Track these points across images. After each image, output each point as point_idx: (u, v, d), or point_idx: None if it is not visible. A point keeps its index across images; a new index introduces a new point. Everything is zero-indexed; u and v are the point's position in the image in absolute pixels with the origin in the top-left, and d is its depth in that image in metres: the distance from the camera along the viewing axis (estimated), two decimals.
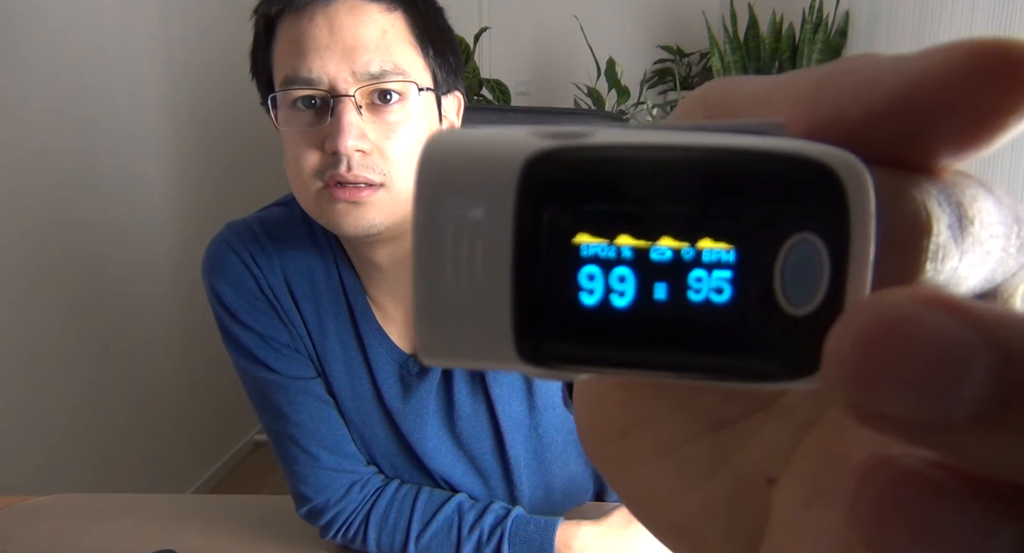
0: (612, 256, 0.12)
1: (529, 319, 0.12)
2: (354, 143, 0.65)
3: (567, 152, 0.12)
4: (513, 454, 0.79)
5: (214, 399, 2.28)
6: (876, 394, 0.09)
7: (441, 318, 0.12)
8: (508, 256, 0.12)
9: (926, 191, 0.12)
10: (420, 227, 0.12)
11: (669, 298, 0.12)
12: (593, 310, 0.12)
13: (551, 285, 0.12)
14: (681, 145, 0.12)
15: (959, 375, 0.08)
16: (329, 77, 0.65)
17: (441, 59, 0.71)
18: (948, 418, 0.08)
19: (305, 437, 0.77)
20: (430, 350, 0.13)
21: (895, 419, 0.09)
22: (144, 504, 0.92)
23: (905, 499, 0.09)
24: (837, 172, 0.11)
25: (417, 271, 0.12)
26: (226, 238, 0.78)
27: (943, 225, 0.11)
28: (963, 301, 0.09)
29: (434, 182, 0.12)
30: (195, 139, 2.22)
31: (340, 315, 0.78)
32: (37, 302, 1.63)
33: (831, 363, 0.09)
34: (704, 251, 0.11)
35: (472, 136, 0.12)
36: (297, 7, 0.66)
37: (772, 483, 0.15)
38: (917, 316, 0.09)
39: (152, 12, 2.03)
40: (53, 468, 1.66)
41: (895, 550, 0.09)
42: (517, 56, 2.77)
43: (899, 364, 0.09)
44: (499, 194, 0.12)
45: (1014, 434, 0.08)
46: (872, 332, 0.09)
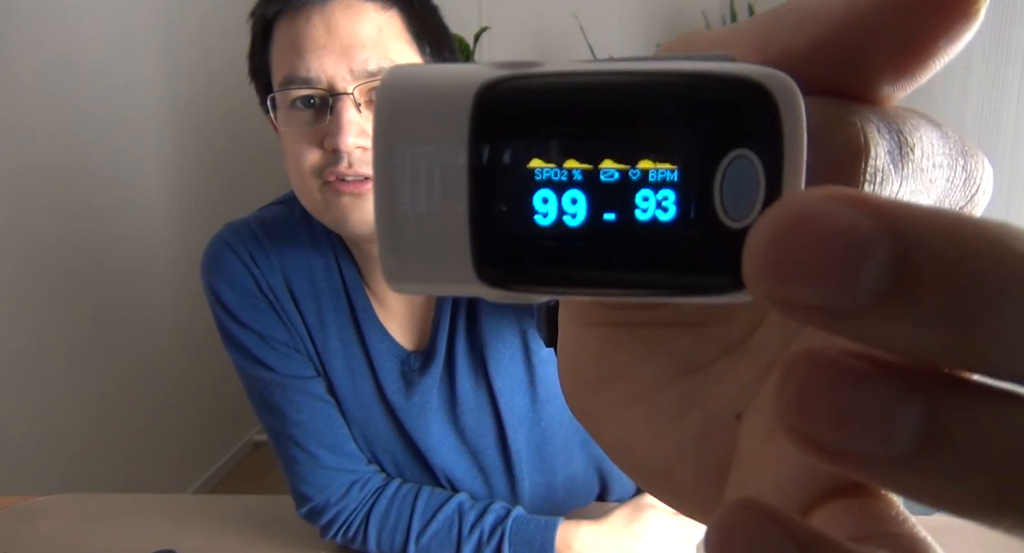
0: (563, 179, 0.12)
1: (487, 242, 0.12)
2: (354, 140, 0.65)
3: (517, 80, 0.12)
4: (515, 449, 0.79)
5: (214, 399, 2.28)
6: (786, 283, 0.09)
7: (403, 245, 0.13)
8: (464, 183, 0.12)
9: (866, 118, 0.12)
10: (379, 157, 0.12)
11: (618, 217, 0.12)
12: (547, 231, 0.12)
13: (506, 209, 0.12)
14: (623, 71, 0.12)
15: (860, 261, 0.09)
16: (327, 76, 0.65)
17: (438, 56, 0.71)
18: (852, 303, 0.09)
19: (305, 436, 0.77)
20: (395, 276, 0.13)
21: (805, 306, 0.09)
22: (144, 504, 0.92)
23: (822, 385, 0.09)
24: (770, 89, 0.11)
25: (378, 200, 0.13)
26: (225, 238, 0.78)
27: (881, 149, 0.12)
28: (866, 194, 0.09)
29: (391, 112, 0.12)
30: (195, 139, 2.22)
31: (341, 313, 0.78)
32: (37, 302, 1.63)
33: (747, 259, 0.10)
34: (649, 172, 0.12)
35: (428, 70, 0.13)
36: (293, 8, 0.67)
37: (739, 419, 0.15)
38: (821, 209, 0.09)
39: (152, 12, 2.03)
40: (53, 468, 1.66)
41: (815, 433, 0.09)
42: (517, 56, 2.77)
43: (804, 254, 0.09)
44: (454, 122, 0.12)
45: (913, 316, 0.09)
46: (780, 227, 0.09)
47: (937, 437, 0.09)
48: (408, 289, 0.13)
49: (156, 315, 2.06)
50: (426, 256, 0.13)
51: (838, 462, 0.10)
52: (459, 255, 0.13)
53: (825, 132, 0.12)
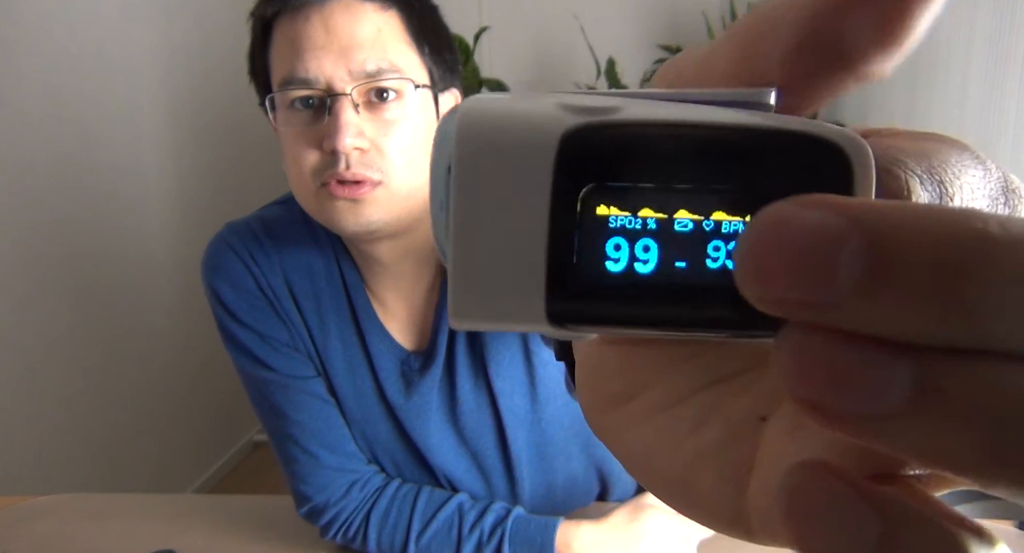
0: (637, 227, 0.13)
1: (561, 287, 0.13)
2: (352, 141, 0.65)
3: (600, 129, 0.12)
4: (515, 449, 0.79)
5: (214, 399, 2.28)
6: (770, 284, 0.10)
7: (477, 286, 0.13)
8: (544, 230, 0.13)
9: (910, 170, 0.12)
10: (461, 194, 0.13)
11: (689, 266, 0.12)
12: (619, 277, 0.13)
13: (583, 252, 0.13)
14: (701, 123, 0.12)
15: (833, 256, 0.10)
16: (326, 76, 0.65)
17: (437, 57, 0.71)
18: (834, 293, 0.10)
19: (305, 436, 0.77)
20: (463, 315, 0.13)
21: (792, 302, 0.10)
22: (144, 504, 0.92)
23: (816, 348, 0.10)
24: (846, 152, 0.12)
25: (455, 238, 0.13)
26: (225, 238, 0.78)
27: (924, 198, 0.12)
28: (835, 197, 0.10)
29: (473, 151, 0.13)
30: (195, 139, 2.22)
31: (341, 313, 0.78)
32: (37, 302, 1.63)
33: (735, 268, 0.11)
34: (722, 223, 0.12)
35: (507, 108, 0.13)
36: (292, 8, 0.66)
37: (764, 421, 0.15)
38: (792, 213, 0.10)
39: (152, 12, 2.03)
40: (53, 468, 1.66)
41: (813, 394, 0.10)
42: (517, 56, 2.77)
43: (783, 255, 0.10)
44: (537, 167, 0.12)
45: (891, 300, 0.10)
46: (758, 234, 0.10)
47: (928, 392, 0.10)
48: (473, 326, 0.14)
49: (156, 315, 2.06)
50: (499, 297, 0.13)
51: (838, 423, 0.10)
52: (532, 297, 0.13)
53: None
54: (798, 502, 0.11)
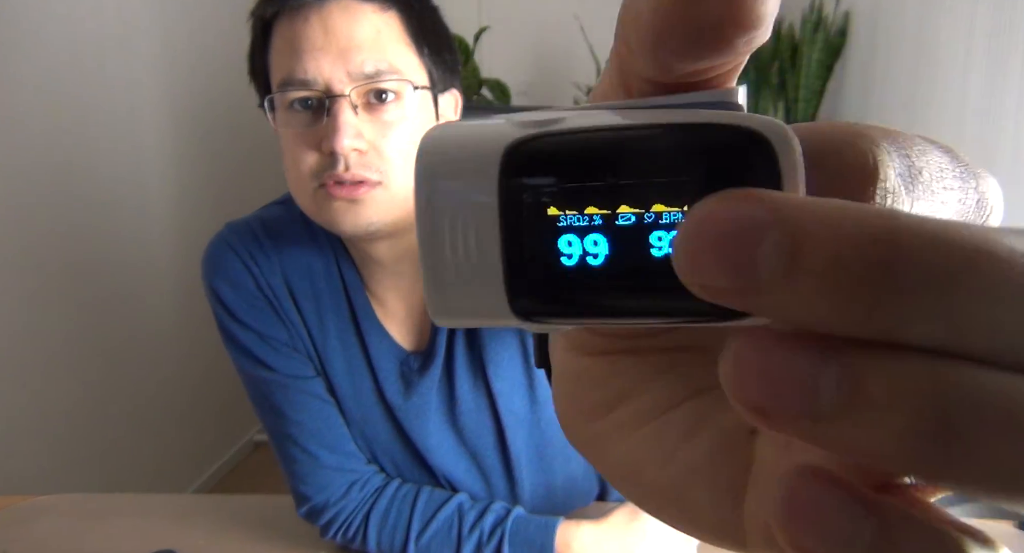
0: (585, 224, 0.14)
1: (519, 282, 0.14)
2: (350, 143, 0.65)
3: (539, 139, 0.14)
4: (515, 450, 0.79)
5: (214, 399, 2.28)
6: (701, 272, 0.11)
7: (446, 286, 0.15)
8: (497, 231, 0.14)
9: (875, 142, 0.13)
10: (421, 211, 0.14)
11: (635, 256, 0.14)
12: (572, 270, 0.14)
13: (535, 253, 0.14)
14: (633, 125, 0.13)
15: (755, 246, 0.10)
16: (324, 78, 0.65)
17: (436, 57, 0.71)
18: (754, 281, 0.10)
19: (305, 436, 0.77)
20: (439, 312, 0.15)
21: (720, 289, 0.11)
22: (144, 504, 0.92)
23: (752, 353, 0.11)
24: (768, 138, 0.13)
25: (423, 248, 0.14)
26: (225, 238, 0.78)
27: (891, 171, 0.13)
28: (758, 190, 0.11)
29: (429, 172, 0.14)
30: (195, 140, 2.22)
31: (340, 313, 0.78)
32: (37, 302, 1.63)
33: (673, 258, 0.12)
34: (662, 214, 0.13)
35: (460, 129, 0.15)
36: (291, 9, 0.66)
37: (754, 434, 0.15)
38: (721, 207, 0.11)
39: (151, 13, 2.03)
40: (53, 468, 1.66)
41: (750, 397, 0.11)
42: (517, 56, 2.77)
43: (711, 245, 0.11)
44: (484, 179, 0.14)
45: (805, 289, 0.10)
46: (691, 226, 0.11)
47: (852, 391, 0.10)
48: (451, 323, 0.15)
49: (156, 315, 2.06)
50: (467, 295, 0.14)
51: (780, 425, 0.11)
52: (495, 294, 0.14)
53: (837, 156, 0.13)
54: (794, 504, 0.11)
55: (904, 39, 1.71)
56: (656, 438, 0.17)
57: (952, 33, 1.49)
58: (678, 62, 0.13)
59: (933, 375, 0.10)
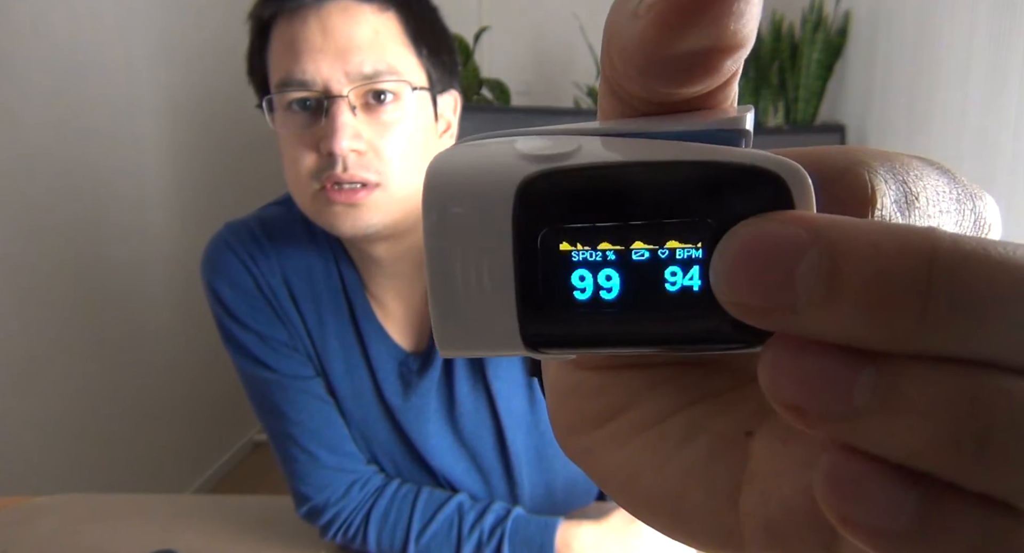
0: (598, 259, 0.14)
1: (531, 315, 0.14)
2: (348, 143, 0.65)
3: (553, 176, 0.14)
4: (514, 450, 0.79)
5: (214, 399, 2.28)
6: (736, 291, 0.11)
7: (456, 320, 0.15)
8: (510, 265, 0.14)
9: (873, 169, 0.13)
10: (431, 247, 0.14)
11: (649, 290, 0.14)
12: (585, 304, 0.14)
13: (548, 286, 0.14)
14: (648, 162, 0.14)
15: (794, 264, 0.11)
16: (323, 78, 0.65)
17: (435, 58, 0.71)
18: (792, 301, 0.11)
19: (305, 436, 0.77)
20: (447, 344, 0.15)
21: (756, 309, 0.11)
22: (144, 504, 0.92)
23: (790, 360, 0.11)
24: (782, 177, 0.13)
25: (432, 278, 0.14)
26: (225, 238, 0.78)
27: (887, 199, 0.13)
28: (801, 212, 0.11)
29: (441, 203, 0.14)
30: (195, 139, 2.22)
31: (340, 313, 0.78)
32: (36, 302, 1.63)
33: (711, 277, 0.12)
34: (677, 250, 0.13)
35: (469, 158, 0.14)
36: (290, 10, 0.66)
37: (750, 436, 0.16)
38: (760, 226, 0.11)
39: (151, 11, 2.03)
40: (53, 468, 1.66)
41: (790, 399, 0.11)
42: (517, 56, 2.77)
43: (747, 264, 0.11)
44: (498, 216, 0.14)
45: (842, 308, 0.10)
46: (730, 245, 0.11)
47: (888, 392, 0.10)
48: (458, 353, 0.15)
49: (156, 315, 2.06)
50: (477, 328, 0.15)
51: (816, 423, 0.11)
52: (507, 327, 0.14)
53: (835, 183, 0.13)
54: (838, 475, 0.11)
55: (904, 39, 1.71)
56: (652, 445, 0.17)
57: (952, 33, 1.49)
58: (667, 90, 0.13)
59: (971, 382, 0.10)
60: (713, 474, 0.16)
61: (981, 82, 1.38)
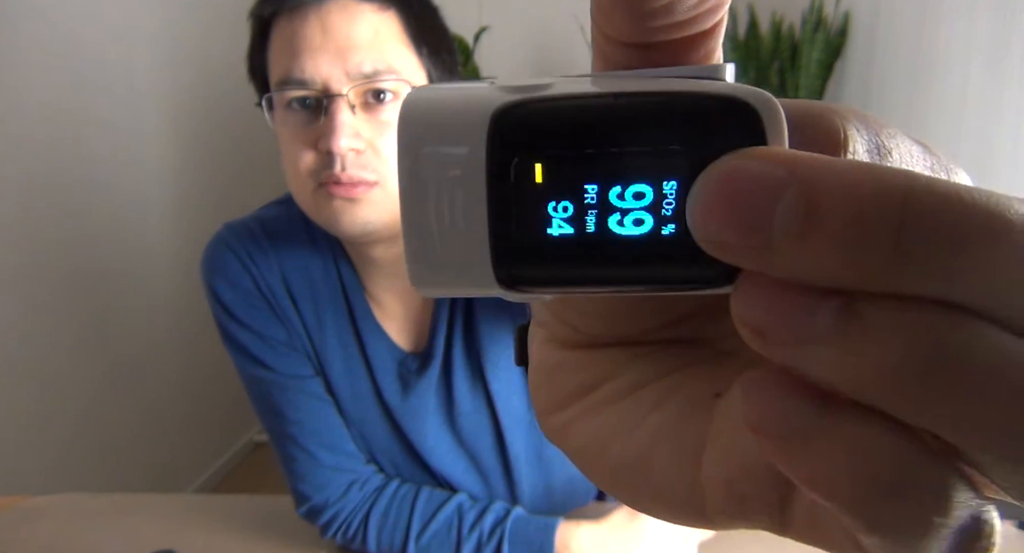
0: (571, 193, 0.13)
1: (504, 250, 0.14)
2: (347, 142, 0.65)
3: (527, 105, 0.13)
4: (513, 451, 0.79)
5: (214, 399, 2.28)
6: (711, 225, 0.11)
7: (429, 254, 0.14)
8: (483, 198, 0.14)
9: (846, 118, 0.13)
10: (405, 177, 0.14)
11: (624, 226, 0.13)
12: (559, 239, 0.14)
13: (522, 220, 0.14)
14: (622, 92, 0.13)
15: (770, 201, 0.11)
16: (322, 77, 0.65)
17: (435, 58, 0.71)
18: (768, 238, 0.11)
19: (304, 436, 0.77)
20: (420, 281, 0.15)
21: (733, 246, 0.11)
22: (144, 504, 0.92)
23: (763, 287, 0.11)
24: (754, 106, 0.13)
25: (405, 215, 0.14)
26: (224, 238, 0.78)
27: (860, 145, 0.13)
28: (780, 150, 0.11)
29: (414, 136, 0.14)
30: (196, 139, 2.22)
31: (339, 313, 0.78)
32: (37, 303, 1.63)
33: (688, 214, 0.12)
34: (651, 183, 0.13)
35: (444, 93, 0.14)
36: (290, 8, 0.66)
37: (718, 397, 0.16)
38: (739, 163, 0.11)
39: (153, 10, 2.03)
40: (53, 468, 1.66)
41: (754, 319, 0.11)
42: (517, 56, 2.77)
43: (726, 201, 0.11)
44: (471, 145, 0.14)
45: (818, 247, 0.10)
46: (709, 182, 0.11)
47: (849, 318, 0.11)
48: (432, 292, 0.15)
49: (156, 314, 2.06)
50: (450, 263, 0.14)
51: (775, 346, 0.11)
52: (480, 262, 0.14)
53: (810, 126, 0.13)
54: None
55: (904, 39, 1.71)
56: (625, 412, 0.17)
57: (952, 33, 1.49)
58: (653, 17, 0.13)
59: (930, 318, 0.10)
60: (680, 435, 0.16)
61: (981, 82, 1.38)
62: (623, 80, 0.14)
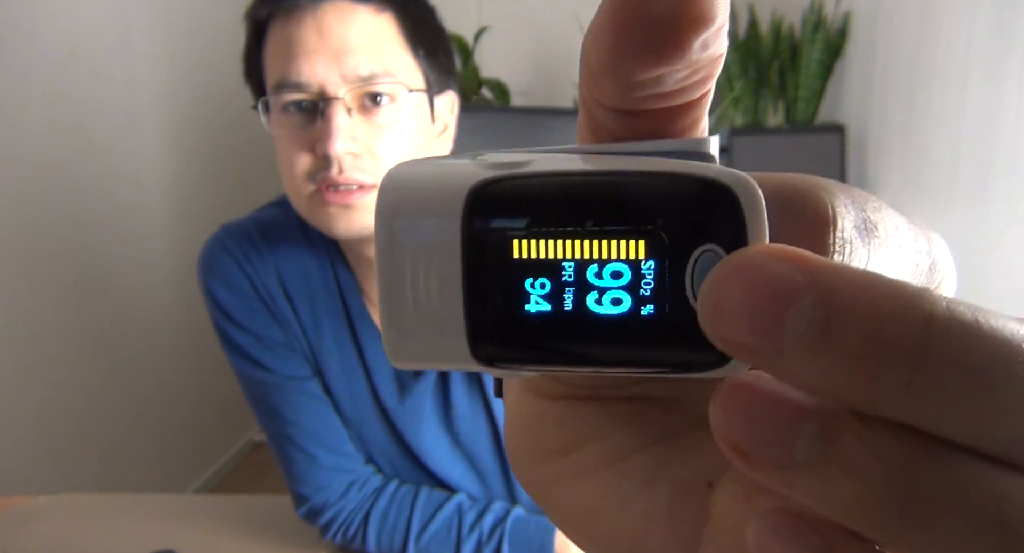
0: (547, 270, 0.13)
1: (480, 327, 0.14)
2: (344, 146, 0.65)
3: (505, 181, 0.13)
4: None
5: (214, 399, 2.28)
6: (723, 324, 0.11)
7: (405, 329, 0.14)
8: (459, 274, 0.14)
9: (833, 194, 0.13)
10: (381, 252, 0.14)
11: (601, 305, 0.13)
12: (535, 317, 0.13)
13: (497, 296, 0.14)
14: (600, 171, 0.13)
15: (785, 306, 0.10)
16: (318, 80, 0.65)
17: (432, 59, 0.71)
18: (780, 344, 0.10)
19: (303, 437, 0.77)
20: (397, 355, 0.14)
21: (742, 346, 0.11)
22: (144, 504, 0.92)
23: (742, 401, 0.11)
24: (733, 190, 0.13)
25: (382, 289, 0.14)
26: (221, 239, 0.78)
27: (848, 222, 0.13)
28: (797, 250, 0.11)
29: (391, 210, 0.14)
30: (194, 140, 2.22)
31: (336, 314, 0.78)
32: (37, 303, 1.63)
33: (698, 305, 0.11)
34: (627, 263, 0.13)
35: (424, 167, 0.14)
36: (286, 11, 0.66)
37: (711, 487, 0.15)
38: (756, 262, 0.11)
39: (150, 11, 2.03)
40: (53, 468, 1.66)
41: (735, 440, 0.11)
42: (517, 56, 2.77)
43: (739, 299, 0.11)
44: (448, 219, 0.13)
45: (828, 359, 0.10)
46: (722, 276, 0.11)
47: (829, 447, 0.10)
48: (408, 366, 0.15)
49: (155, 314, 2.06)
50: (426, 338, 0.14)
51: (757, 468, 0.11)
52: (455, 338, 0.14)
53: (798, 204, 0.13)
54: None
55: (904, 39, 1.71)
56: (612, 485, 0.16)
57: (952, 33, 1.49)
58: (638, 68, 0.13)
59: (907, 450, 0.10)
60: (673, 522, 0.15)
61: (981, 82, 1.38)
62: (604, 158, 0.14)
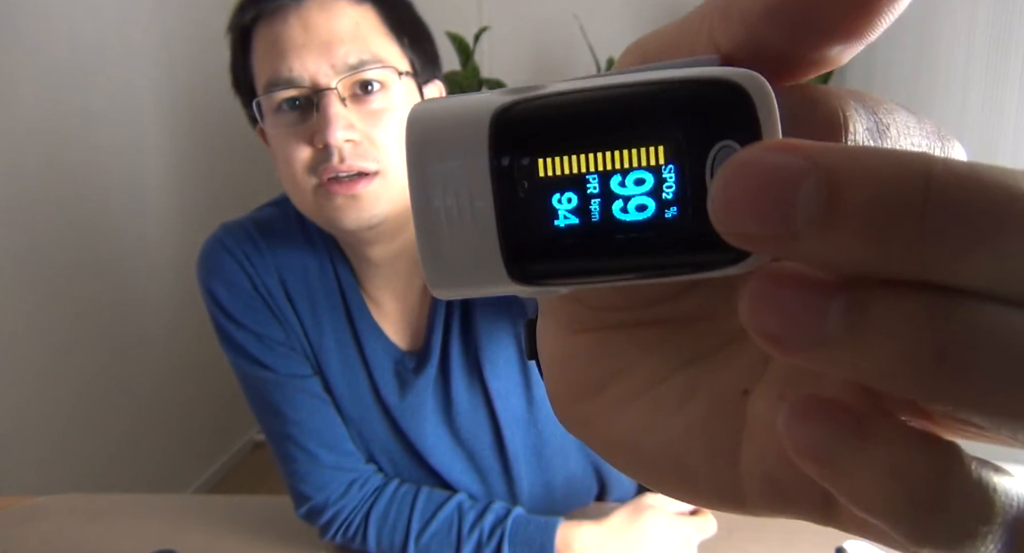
0: (573, 185, 0.14)
1: (514, 245, 0.14)
2: (343, 134, 0.65)
3: (525, 103, 0.14)
4: (512, 449, 0.79)
5: (214, 399, 2.28)
6: (734, 218, 0.11)
7: (442, 258, 0.15)
8: (489, 196, 0.14)
9: (844, 100, 0.13)
10: (414, 185, 0.14)
11: (627, 213, 0.14)
12: (566, 230, 0.14)
13: (528, 214, 0.14)
14: (613, 84, 0.14)
15: (791, 191, 0.11)
16: (310, 74, 0.66)
17: (417, 48, 0.72)
18: (791, 228, 0.11)
19: (303, 435, 0.77)
20: (437, 283, 0.15)
21: (756, 237, 0.11)
22: (144, 504, 0.92)
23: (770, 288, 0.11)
24: (744, 87, 0.13)
25: (418, 222, 0.14)
26: (220, 238, 0.78)
27: (860, 125, 0.13)
28: (795, 140, 0.11)
29: (419, 144, 0.14)
30: (194, 141, 2.22)
31: (336, 313, 0.78)
32: (37, 303, 1.63)
33: (709, 205, 0.12)
34: (649, 170, 0.13)
35: (446, 102, 0.15)
36: (270, 12, 0.67)
37: (747, 394, 0.16)
38: (758, 155, 0.11)
39: (150, 13, 2.03)
40: (53, 468, 1.66)
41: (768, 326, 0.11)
42: (517, 56, 2.77)
43: (745, 192, 0.11)
44: (475, 146, 0.14)
45: (842, 234, 0.11)
46: (727, 176, 0.11)
47: (859, 317, 0.11)
48: (449, 295, 0.15)
49: (155, 315, 2.06)
50: (464, 264, 0.15)
51: (791, 350, 0.11)
52: (492, 261, 0.14)
53: (810, 111, 0.13)
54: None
55: (904, 39, 1.71)
56: (651, 409, 0.17)
57: (952, 33, 1.49)
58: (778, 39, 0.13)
59: (933, 305, 0.11)
60: (713, 433, 0.16)
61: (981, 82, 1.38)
62: (618, 76, 0.14)
